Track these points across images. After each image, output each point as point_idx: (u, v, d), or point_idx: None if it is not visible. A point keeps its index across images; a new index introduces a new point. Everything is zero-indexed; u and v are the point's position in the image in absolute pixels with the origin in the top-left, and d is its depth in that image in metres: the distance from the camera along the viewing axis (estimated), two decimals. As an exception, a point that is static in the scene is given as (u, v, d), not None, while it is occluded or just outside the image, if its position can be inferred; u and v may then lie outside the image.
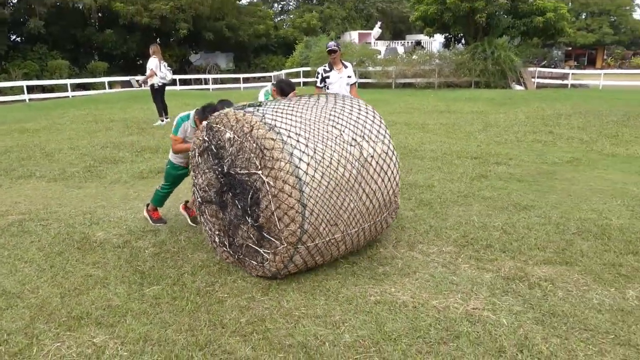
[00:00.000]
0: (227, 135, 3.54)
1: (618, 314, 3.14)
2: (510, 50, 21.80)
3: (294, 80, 25.28)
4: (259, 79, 29.21)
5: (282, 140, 3.31)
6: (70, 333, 3.00)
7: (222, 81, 27.86)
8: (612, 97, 16.70)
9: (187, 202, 5.06)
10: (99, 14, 30.04)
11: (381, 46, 29.94)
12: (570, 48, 43.78)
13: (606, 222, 4.75)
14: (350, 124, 3.66)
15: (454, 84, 21.64)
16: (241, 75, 26.76)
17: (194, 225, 4.82)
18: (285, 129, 3.38)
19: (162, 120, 11.15)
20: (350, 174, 3.48)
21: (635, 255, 4.01)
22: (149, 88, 11.40)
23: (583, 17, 44.25)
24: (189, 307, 3.29)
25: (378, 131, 3.78)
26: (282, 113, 3.55)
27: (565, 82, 23.60)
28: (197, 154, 3.95)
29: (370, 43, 30.58)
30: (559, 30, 23.08)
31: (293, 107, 3.69)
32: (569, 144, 9.15)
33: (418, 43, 30.01)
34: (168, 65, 11.24)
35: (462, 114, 13.37)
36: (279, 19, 40.72)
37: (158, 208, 5.02)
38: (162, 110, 11.21)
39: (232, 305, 3.33)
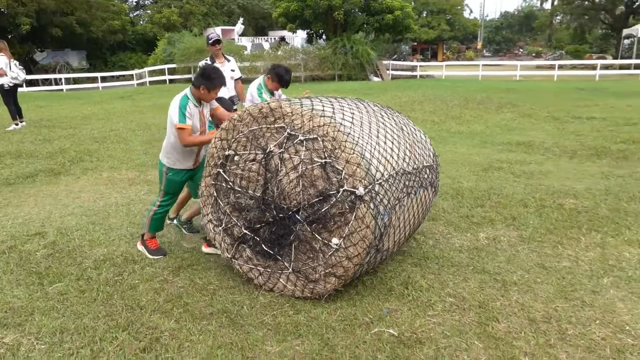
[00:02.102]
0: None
1: (474, 252, 3.94)
2: (367, 45, 23.60)
3: (158, 78, 24.35)
4: (118, 78, 27.44)
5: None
6: (-26, 338, 2.87)
7: (76, 81, 25.61)
8: (454, 85, 19.12)
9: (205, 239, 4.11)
10: None
11: (246, 42, 30.08)
12: (415, 43, 48.43)
13: (459, 185, 5.72)
14: (429, 176, 3.63)
15: (319, 77, 22.80)
16: (98, 74, 24.88)
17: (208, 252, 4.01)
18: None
19: (17, 124, 10.10)
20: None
21: (482, 208, 4.96)
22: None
23: (424, 15, 49.19)
24: (101, 297, 3.32)
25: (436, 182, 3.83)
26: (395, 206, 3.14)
27: (414, 73, 26.29)
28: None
29: (234, 39, 30.53)
30: (406, 27, 25.59)
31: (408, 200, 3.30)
32: (423, 126, 10.43)
33: (282, 39, 30.79)
34: (20, 64, 10.19)
35: (331, 105, 14.27)
36: (135, 14, 38.45)
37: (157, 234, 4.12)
38: (16, 113, 10.15)
39: (145, 289, 3.43)
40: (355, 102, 3.60)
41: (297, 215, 3.11)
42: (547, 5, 50.70)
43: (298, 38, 31.53)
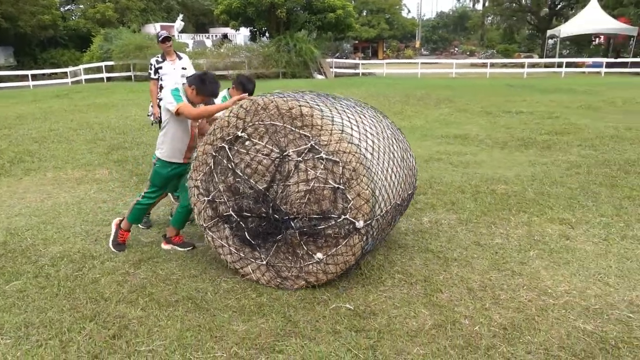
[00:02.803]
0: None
1: (418, 234, 4.30)
2: (310, 43, 23.92)
3: (95, 76, 23.45)
4: (50, 76, 26.09)
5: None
6: None
7: (3, 79, 24.12)
8: (394, 82, 19.85)
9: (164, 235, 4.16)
10: None
11: (187, 39, 29.56)
12: (356, 41, 49.35)
13: (403, 175, 6.11)
14: (407, 203, 3.88)
15: (264, 75, 22.85)
16: (29, 72, 23.56)
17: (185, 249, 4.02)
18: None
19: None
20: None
21: (425, 195, 5.36)
22: None
23: (364, 14, 50.20)
24: (63, 292, 3.36)
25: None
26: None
27: (357, 71, 26.92)
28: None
29: (174, 36, 29.87)
30: (348, 26, 26.20)
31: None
32: (368, 122, 10.85)
33: (225, 36, 30.48)
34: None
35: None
36: (66, 8, 36.57)
37: (131, 227, 4.13)
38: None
39: (108, 282, 3.51)
40: (376, 124, 3.62)
41: (292, 222, 3.23)
42: (479, 7, 53.37)
43: (240, 35, 31.34)
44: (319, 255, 3.22)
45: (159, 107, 6.32)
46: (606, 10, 28.04)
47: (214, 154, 3.41)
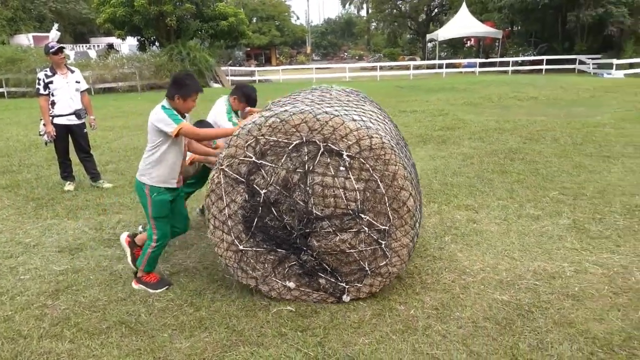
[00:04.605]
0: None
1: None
2: (204, 51, 23.42)
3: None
4: None
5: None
6: None
7: None
8: (292, 88, 20.13)
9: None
10: None
11: (68, 50, 27.36)
12: (249, 49, 49.25)
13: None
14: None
15: (157, 86, 21.91)
16: None
17: None
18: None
19: None
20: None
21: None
22: None
23: (254, 21, 50.28)
24: (-30, 335, 3.01)
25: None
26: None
27: (253, 78, 26.90)
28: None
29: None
30: (242, 33, 26.04)
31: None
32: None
33: (110, 46, 28.67)
34: None
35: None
36: None
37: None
38: None
39: (24, 318, 3.20)
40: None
41: (303, 254, 3.17)
42: (363, 13, 56.15)
43: (125, 45, 29.71)
44: (292, 284, 3.24)
45: (53, 124, 5.88)
46: (475, 16, 31.04)
47: (304, 139, 2.95)
